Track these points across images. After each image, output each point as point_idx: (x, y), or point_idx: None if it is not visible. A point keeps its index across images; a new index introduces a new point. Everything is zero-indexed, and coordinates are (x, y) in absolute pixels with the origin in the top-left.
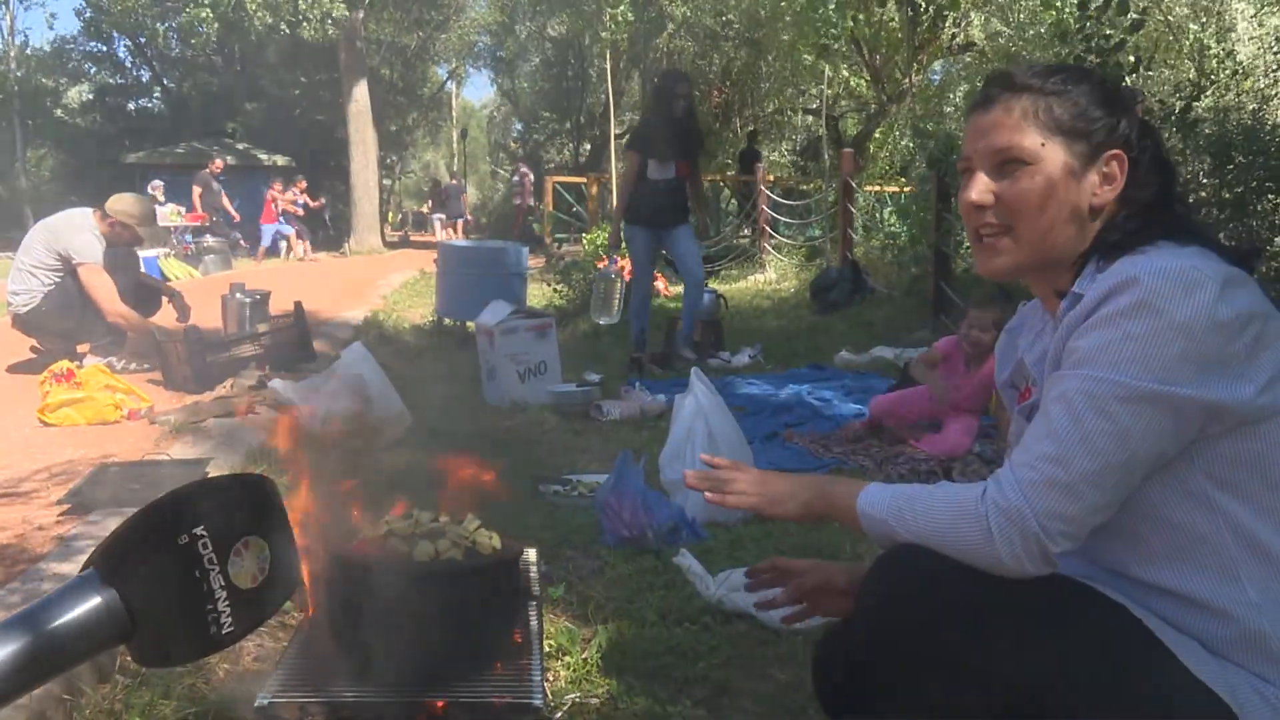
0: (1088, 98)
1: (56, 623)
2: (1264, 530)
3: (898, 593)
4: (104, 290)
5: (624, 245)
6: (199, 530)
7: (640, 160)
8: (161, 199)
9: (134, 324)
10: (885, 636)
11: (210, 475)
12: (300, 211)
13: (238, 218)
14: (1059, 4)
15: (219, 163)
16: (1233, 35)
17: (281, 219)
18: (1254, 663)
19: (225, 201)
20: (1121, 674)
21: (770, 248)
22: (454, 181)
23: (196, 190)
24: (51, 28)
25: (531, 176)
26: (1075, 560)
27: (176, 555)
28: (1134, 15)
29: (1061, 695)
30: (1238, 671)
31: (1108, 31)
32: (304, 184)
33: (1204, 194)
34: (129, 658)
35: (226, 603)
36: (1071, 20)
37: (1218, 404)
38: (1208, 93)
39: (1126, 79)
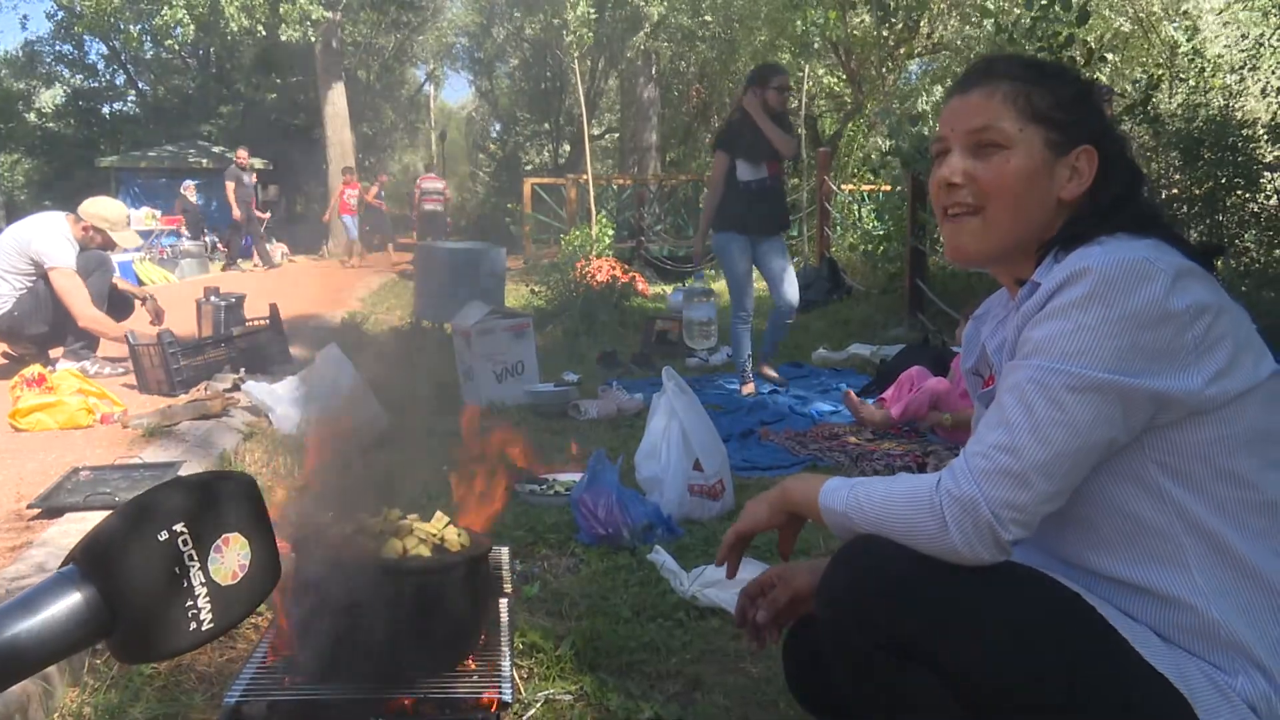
0: (1065, 89)
1: (36, 618)
2: (1214, 520)
3: (854, 588)
4: (76, 295)
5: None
6: (179, 527)
7: (728, 160)
8: (194, 198)
9: (106, 329)
10: (844, 632)
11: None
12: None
13: (265, 216)
14: (995, 5)
15: (243, 153)
16: (1200, 34)
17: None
18: (1205, 650)
19: (254, 201)
20: (1075, 662)
21: None
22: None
23: (230, 185)
24: (24, 28)
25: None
26: (1030, 549)
27: (157, 551)
28: (1078, 7)
29: (1016, 685)
30: (1190, 659)
31: (1056, 29)
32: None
33: (1174, 190)
34: (107, 654)
35: (207, 599)
36: (1007, 20)
37: (1166, 394)
38: (1178, 90)
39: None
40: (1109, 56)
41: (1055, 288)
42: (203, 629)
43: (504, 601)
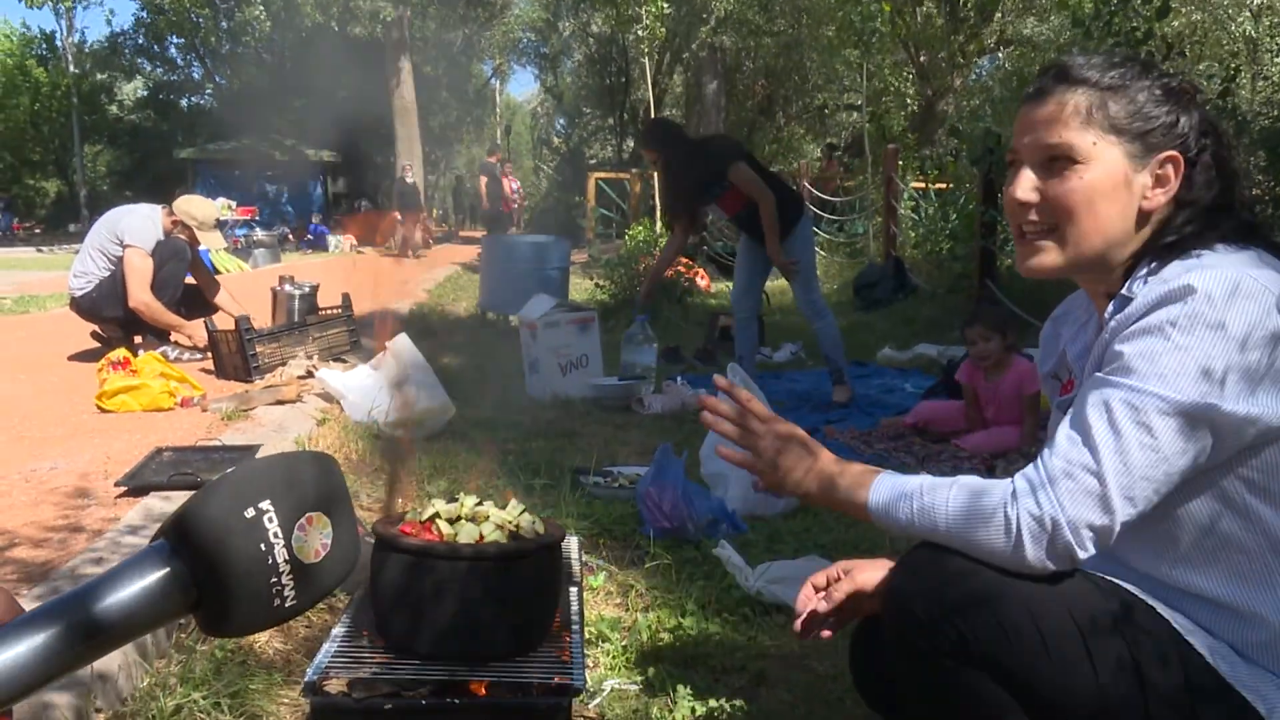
0: (1146, 94)
1: (127, 591)
2: None
3: (925, 598)
4: (137, 275)
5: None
6: (265, 504)
7: (684, 224)
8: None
9: (155, 314)
10: (909, 642)
11: (275, 452)
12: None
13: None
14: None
15: (498, 154)
16: None
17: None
18: None
19: (507, 188)
20: (1149, 676)
21: None
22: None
23: (483, 180)
24: (109, 24)
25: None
26: (1106, 559)
27: (243, 528)
28: (1158, 2)
29: (1087, 696)
30: (1270, 677)
31: (1134, 24)
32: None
33: (1258, 191)
34: (195, 626)
35: (290, 576)
36: (1087, 12)
37: (1264, 421)
38: (1262, 88)
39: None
40: (1185, 53)
41: (1152, 303)
42: (285, 606)
43: (574, 590)
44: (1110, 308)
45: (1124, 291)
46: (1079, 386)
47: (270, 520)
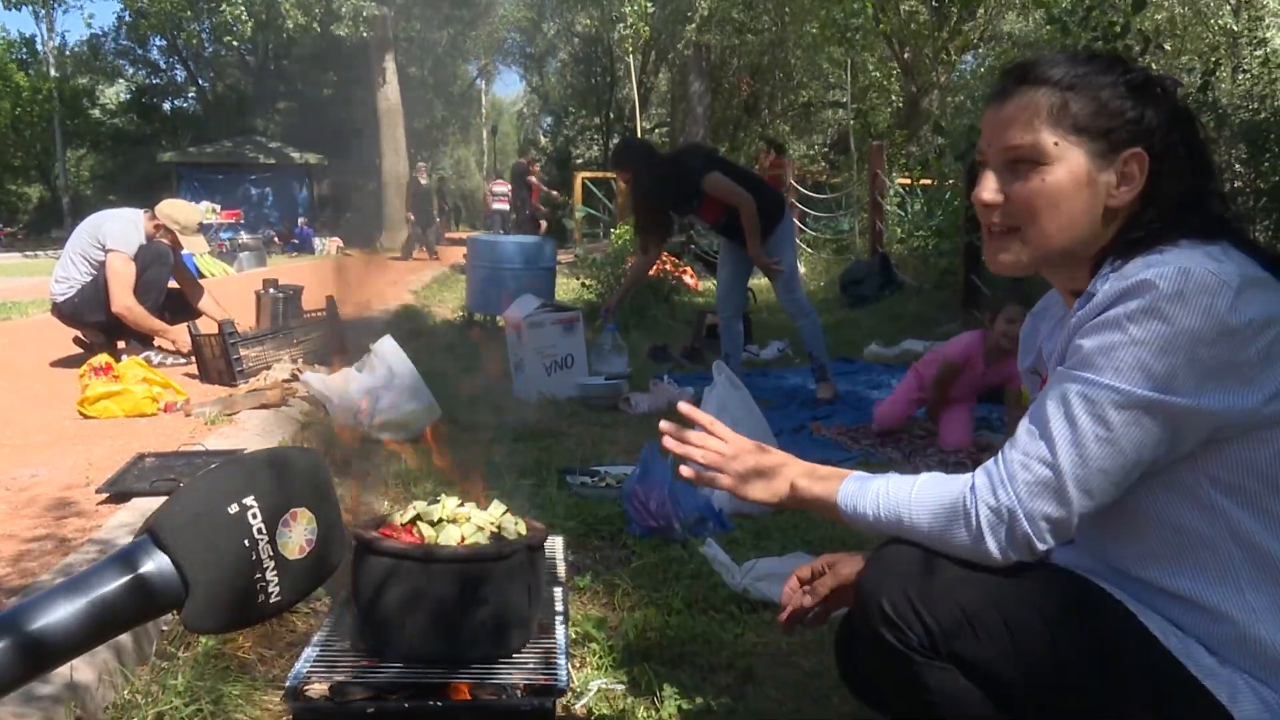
0: (1110, 91)
1: (110, 586)
2: (1265, 536)
3: (891, 590)
4: (120, 279)
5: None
6: (249, 500)
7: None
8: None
9: (137, 318)
10: (880, 634)
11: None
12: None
13: (548, 204)
14: None
15: (529, 156)
16: (1264, 23)
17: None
18: (1252, 666)
19: (536, 199)
20: (1117, 670)
21: (800, 242)
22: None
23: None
24: (90, 26)
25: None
26: (1078, 554)
27: (228, 524)
28: None
29: (1053, 688)
30: (1236, 673)
31: (1111, 19)
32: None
33: (1238, 183)
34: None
35: (274, 572)
36: (1064, 8)
37: (1219, 413)
38: (1241, 81)
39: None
40: (1166, 46)
41: (1112, 298)
42: (270, 602)
43: (558, 590)
44: (1076, 304)
45: (1089, 288)
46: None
47: (254, 516)
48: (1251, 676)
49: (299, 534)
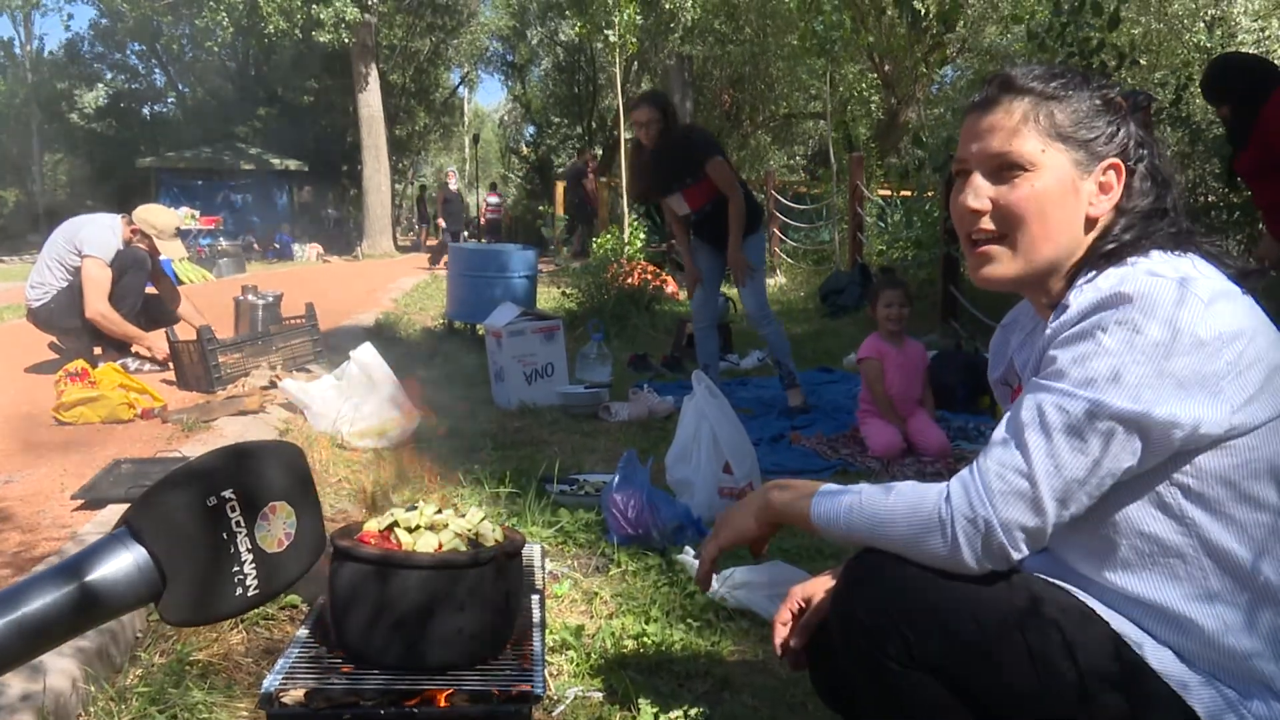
0: (1088, 104)
1: (89, 577)
2: (1236, 545)
3: (867, 600)
4: (95, 285)
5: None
6: (228, 493)
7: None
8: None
9: (111, 324)
10: (857, 644)
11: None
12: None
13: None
14: (1029, 11)
15: (589, 154)
16: (1236, 39)
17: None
18: (1223, 673)
19: (589, 197)
20: (1089, 677)
21: (781, 252)
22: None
23: (560, 185)
24: (68, 29)
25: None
26: (1051, 562)
27: (206, 516)
28: (1109, 13)
29: (1028, 696)
30: (1207, 680)
31: (1087, 34)
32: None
33: (1211, 198)
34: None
35: (252, 565)
36: (1040, 23)
37: (1189, 425)
38: None
39: (1112, 78)
40: (1141, 61)
41: (1086, 309)
42: (248, 595)
43: (535, 598)
44: (1052, 315)
45: (1063, 300)
46: None
47: (233, 509)
48: (1223, 684)
49: (278, 527)
